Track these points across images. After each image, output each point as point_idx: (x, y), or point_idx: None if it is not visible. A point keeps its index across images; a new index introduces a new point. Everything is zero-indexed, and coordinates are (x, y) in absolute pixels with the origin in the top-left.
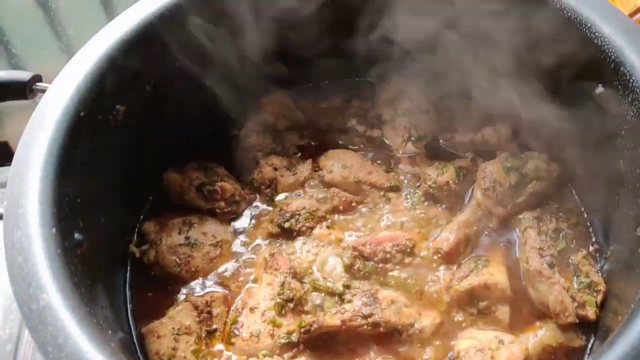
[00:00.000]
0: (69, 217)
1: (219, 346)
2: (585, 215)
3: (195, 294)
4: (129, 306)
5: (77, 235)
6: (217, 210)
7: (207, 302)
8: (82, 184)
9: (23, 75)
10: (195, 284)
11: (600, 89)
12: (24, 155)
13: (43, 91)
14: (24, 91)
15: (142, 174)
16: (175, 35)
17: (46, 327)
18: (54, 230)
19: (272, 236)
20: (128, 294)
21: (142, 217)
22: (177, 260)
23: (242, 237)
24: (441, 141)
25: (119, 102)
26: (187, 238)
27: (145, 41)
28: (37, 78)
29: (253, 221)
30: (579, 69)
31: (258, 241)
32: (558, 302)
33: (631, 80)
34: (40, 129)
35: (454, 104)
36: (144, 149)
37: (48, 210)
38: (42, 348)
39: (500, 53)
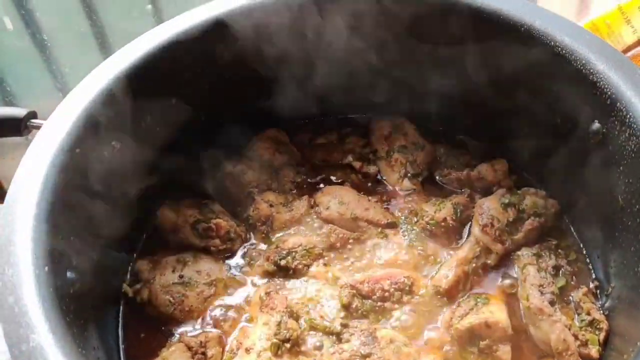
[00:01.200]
0: (62, 255)
1: None
2: (585, 252)
3: (189, 334)
4: (121, 347)
5: (69, 274)
6: (212, 247)
7: (201, 342)
8: (75, 221)
9: (18, 111)
10: (189, 324)
11: (596, 125)
12: (17, 191)
13: (38, 128)
14: (19, 127)
15: (135, 211)
16: (171, 71)
17: None
18: (46, 268)
19: (268, 274)
20: (120, 334)
21: (135, 255)
22: (171, 299)
23: (237, 276)
24: (437, 177)
25: (115, 139)
26: (181, 277)
27: (140, 78)
28: (32, 114)
29: (248, 259)
30: (575, 105)
31: (253, 279)
32: (560, 340)
33: (628, 116)
34: (35, 165)
35: (449, 139)
36: (138, 186)
37: (40, 248)
38: None
39: (495, 89)
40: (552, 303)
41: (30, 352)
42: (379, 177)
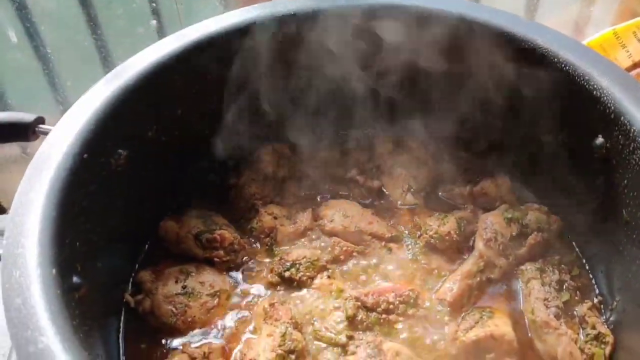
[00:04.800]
0: (68, 259)
1: None
2: (587, 267)
3: (191, 346)
4: (122, 358)
5: (75, 279)
6: (216, 259)
7: (204, 353)
8: (80, 227)
9: (26, 117)
10: (192, 335)
11: (600, 139)
12: (25, 194)
13: (46, 133)
14: (27, 133)
15: (139, 221)
16: (179, 82)
17: None
18: (53, 271)
19: (271, 286)
20: (121, 344)
21: (137, 265)
22: (174, 310)
23: (240, 287)
24: (440, 193)
25: (122, 147)
26: (184, 287)
27: (148, 87)
28: (41, 120)
29: (252, 270)
30: (577, 121)
31: (257, 291)
32: (567, 353)
33: (632, 130)
34: (43, 169)
35: (452, 155)
36: (142, 195)
37: (48, 251)
38: None
39: (498, 106)
40: (557, 317)
41: (38, 355)
42: (382, 190)
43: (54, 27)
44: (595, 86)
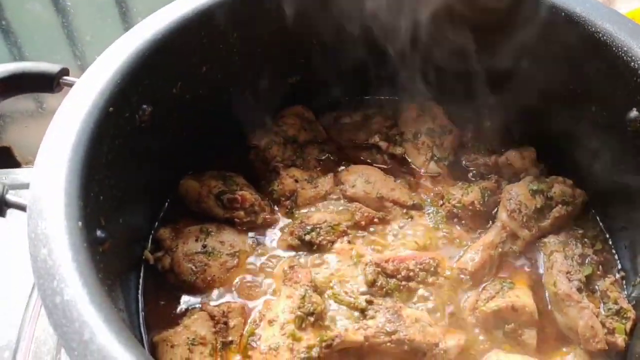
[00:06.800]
0: (93, 213)
1: (234, 359)
2: (610, 242)
3: (211, 304)
4: (141, 313)
5: (99, 233)
6: (236, 219)
7: (223, 312)
8: (104, 181)
9: (51, 67)
10: (211, 294)
11: (634, 113)
12: (51, 146)
13: (70, 85)
14: (51, 84)
15: (159, 178)
16: (205, 39)
17: (72, 322)
18: (80, 223)
19: (291, 248)
20: (140, 300)
21: (156, 223)
22: (193, 268)
23: (260, 248)
24: (464, 162)
25: (146, 102)
26: (204, 246)
27: (174, 43)
28: (65, 71)
29: (272, 232)
30: (612, 93)
31: (277, 253)
32: (588, 327)
33: None
34: (69, 121)
35: (477, 124)
36: (164, 153)
37: (74, 203)
38: (66, 344)
39: (530, 75)
40: (579, 290)
41: (65, 305)
42: (405, 158)
43: None
44: (633, 57)
